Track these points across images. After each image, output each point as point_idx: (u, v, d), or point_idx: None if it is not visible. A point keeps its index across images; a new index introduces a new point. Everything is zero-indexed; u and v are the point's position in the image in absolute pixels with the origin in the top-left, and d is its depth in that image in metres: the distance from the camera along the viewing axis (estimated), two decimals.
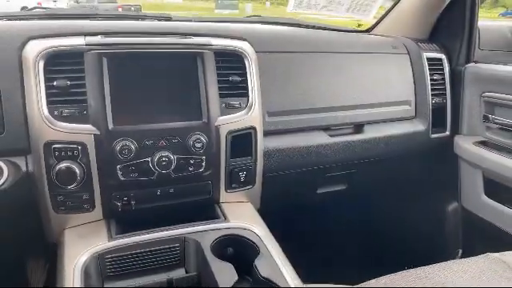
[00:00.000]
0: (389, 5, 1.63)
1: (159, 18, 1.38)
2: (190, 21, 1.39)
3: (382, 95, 1.37)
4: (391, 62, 1.42)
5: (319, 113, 1.26)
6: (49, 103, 0.91)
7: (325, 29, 1.54)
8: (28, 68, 0.92)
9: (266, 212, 1.10)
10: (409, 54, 1.43)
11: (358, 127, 1.35)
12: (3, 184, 0.92)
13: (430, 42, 1.50)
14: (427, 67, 1.42)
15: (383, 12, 1.62)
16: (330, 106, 1.29)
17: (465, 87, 1.44)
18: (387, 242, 1.63)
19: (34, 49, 0.93)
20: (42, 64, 0.92)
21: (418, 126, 1.42)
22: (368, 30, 1.64)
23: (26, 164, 0.95)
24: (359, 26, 1.70)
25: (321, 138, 1.26)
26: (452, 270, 0.98)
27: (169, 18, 1.40)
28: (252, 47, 1.13)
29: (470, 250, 1.06)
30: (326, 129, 1.29)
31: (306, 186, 1.39)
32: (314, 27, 1.52)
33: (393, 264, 0.98)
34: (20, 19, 1.15)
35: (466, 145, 1.43)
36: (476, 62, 1.46)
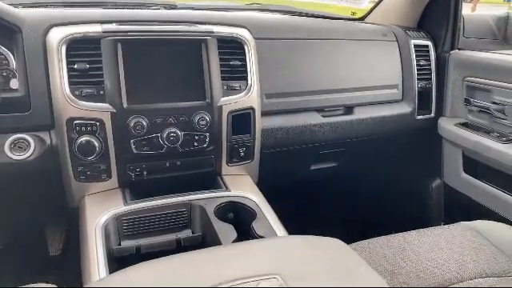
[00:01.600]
0: None
1: (165, 6, 1.48)
2: (194, 8, 1.50)
3: (371, 79, 1.49)
4: (381, 48, 1.53)
5: (313, 95, 1.38)
6: (70, 84, 1.03)
7: (320, 17, 1.64)
8: (52, 53, 1.04)
9: (264, 185, 1.22)
10: (397, 41, 1.54)
11: (349, 109, 1.46)
12: (31, 155, 1.05)
13: (418, 30, 1.61)
14: (414, 53, 1.53)
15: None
16: (323, 89, 1.40)
17: (449, 72, 1.55)
18: (374, 214, 1.77)
19: (57, 35, 1.04)
20: (64, 49, 1.03)
21: (404, 108, 1.54)
22: (361, 19, 1.74)
23: (50, 138, 1.08)
24: (353, 14, 1.80)
25: (314, 119, 1.38)
26: (428, 235, 1.11)
27: (174, 6, 1.50)
28: (251, 34, 1.23)
29: (451, 221, 1.18)
30: (319, 110, 1.40)
31: (301, 163, 1.51)
32: (309, 15, 1.63)
33: (378, 233, 1.11)
34: (41, 7, 1.26)
35: (448, 126, 1.54)
36: (460, 49, 1.57)
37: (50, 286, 0.82)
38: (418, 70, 1.54)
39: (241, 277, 0.61)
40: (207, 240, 1.03)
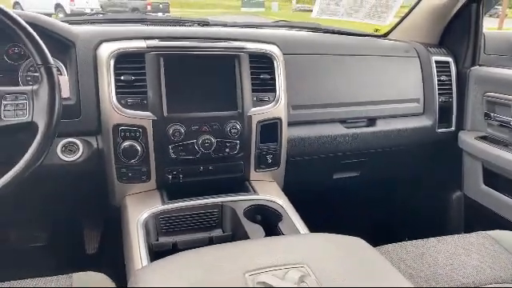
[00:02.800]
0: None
1: (199, 23, 1.60)
2: (226, 25, 1.61)
3: (393, 93, 1.56)
4: (403, 64, 1.60)
5: (337, 107, 1.46)
6: (117, 94, 1.14)
7: (344, 33, 1.73)
8: (101, 65, 1.16)
9: (288, 191, 1.30)
10: (419, 57, 1.61)
11: (371, 121, 1.53)
12: (79, 158, 1.17)
13: (439, 46, 1.67)
14: (435, 69, 1.59)
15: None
16: (346, 102, 1.48)
17: (469, 87, 1.60)
18: (394, 223, 1.82)
19: (107, 50, 1.16)
20: (112, 62, 1.15)
21: (425, 122, 1.60)
22: (384, 35, 1.82)
23: (97, 142, 1.19)
24: (376, 30, 1.87)
25: (337, 129, 1.46)
26: (447, 242, 1.16)
27: (207, 23, 1.62)
28: (280, 50, 1.33)
29: (471, 232, 1.23)
30: (342, 121, 1.48)
31: (324, 171, 1.58)
32: (334, 32, 1.72)
33: (398, 241, 1.16)
34: (91, 23, 1.39)
35: (468, 139, 1.59)
36: (480, 65, 1.62)
37: (99, 274, 0.91)
38: (439, 85, 1.60)
39: (271, 265, 0.69)
40: (237, 239, 1.11)
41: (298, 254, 0.74)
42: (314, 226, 1.13)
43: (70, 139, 1.16)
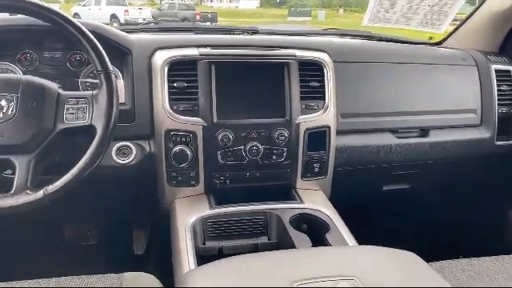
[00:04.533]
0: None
1: (248, 31, 1.62)
2: (275, 33, 1.62)
3: (448, 103, 1.49)
4: (459, 73, 1.53)
5: (387, 116, 1.41)
6: (170, 100, 1.18)
7: (396, 41, 1.68)
8: (156, 72, 1.20)
9: (335, 201, 1.27)
10: (477, 66, 1.53)
11: (424, 131, 1.47)
12: (132, 161, 1.21)
13: (500, 54, 1.59)
14: (495, 79, 1.51)
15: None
16: (397, 111, 1.43)
17: None
18: (447, 238, 1.73)
19: (161, 57, 1.20)
20: (166, 69, 1.18)
21: (483, 134, 1.52)
22: (439, 43, 1.75)
23: (149, 146, 1.23)
24: (430, 38, 1.81)
25: (388, 139, 1.41)
26: (507, 263, 1.09)
27: (256, 31, 1.63)
28: (330, 58, 1.32)
29: None
30: (393, 131, 1.43)
31: (373, 182, 1.54)
32: (387, 40, 1.68)
33: (451, 258, 1.11)
34: (146, 32, 1.45)
35: None
36: None
37: (149, 275, 0.93)
38: (499, 95, 1.51)
39: (320, 276, 0.67)
40: (283, 247, 1.10)
41: (348, 265, 0.72)
42: (362, 238, 1.10)
43: (124, 143, 1.20)
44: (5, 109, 0.90)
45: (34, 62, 1.23)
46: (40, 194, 0.89)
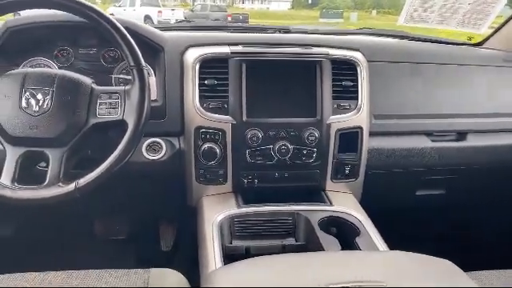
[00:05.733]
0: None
1: (280, 30, 1.60)
2: (306, 32, 1.59)
3: (488, 106, 1.42)
4: (501, 75, 1.46)
5: (423, 118, 1.36)
6: (200, 97, 1.18)
7: (434, 41, 1.62)
8: (187, 69, 1.20)
9: (366, 205, 1.24)
10: None
11: (462, 135, 1.41)
12: (162, 157, 1.21)
13: None
14: None
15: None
16: (434, 113, 1.38)
17: None
18: (485, 248, 1.65)
19: (193, 55, 1.20)
20: (197, 67, 1.18)
21: None
22: (479, 44, 1.68)
23: (179, 143, 1.23)
24: (469, 39, 1.74)
25: (423, 142, 1.36)
26: None
27: (288, 30, 1.61)
28: (364, 57, 1.28)
29: None
30: (428, 134, 1.38)
31: (406, 187, 1.49)
32: (423, 39, 1.62)
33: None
34: (178, 30, 1.46)
35: None
36: None
37: (175, 272, 0.93)
38: None
39: (350, 280, 0.65)
40: (311, 250, 1.07)
41: (378, 270, 0.69)
42: (393, 243, 1.07)
43: (154, 139, 1.21)
44: (40, 102, 0.92)
45: (70, 58, 1.26)
46: (71, 186, 0.90)
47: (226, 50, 1.20)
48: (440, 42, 1.64)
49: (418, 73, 1.39)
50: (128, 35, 0.96)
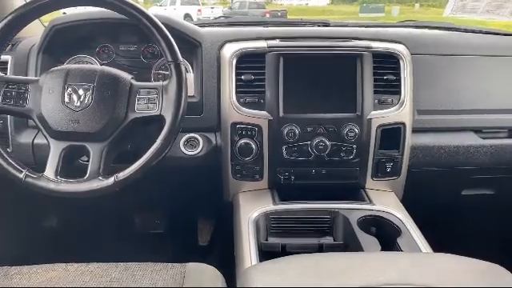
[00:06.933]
0: None
1: (319, 24, 1.56)
2: (347, 26, 1.55)
3: None
4: None
5: (471, 114, 1.29)
6: (237, 92, 1.17)
7: (485, 32, 1.53)
8: (224, 65, 1.19)
9: (408, 204, 1.19)
10: None
11: None
12: (199, 152, 1.22)
13: None
14: None
15: None
16: (483, 109, 1.30)
17: None
18: None
19: (230, 50, 1.19)
20: (234, 62, 1.18)
21: None
22: None
23: (216, 139, 1.23)
24: None
25: (471, 139, 1.29)
26: None
27: (327, 24, 1.57)
28: (408, 49, 1.23)
29: None
30: (476, 130, 1.30)
31: (450, 186, 1.41)
32: (472, 31, 1.53)
33: None
34: (215, 26, 1.46)
35: None
36: None
37: (211, 267, 0.93)
38: None
39: (392, 283, 0.62)
40: (349, 249, 1.04)
41: (423, 273, 0.65)
42: (436, 245, 1.01)
43: (192, 134, 1.22)
44: (82, 97, 0.94)
45: (111, 55, 1.29)
46: (111, 180, 0.92)
47: (263, 44, 1.19)
48: (490, 33, 1.54)
49: (465, 65, 1.31)
50: (166, 31, 0.96)
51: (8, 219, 1.45)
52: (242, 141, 1.17)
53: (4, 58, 1.17)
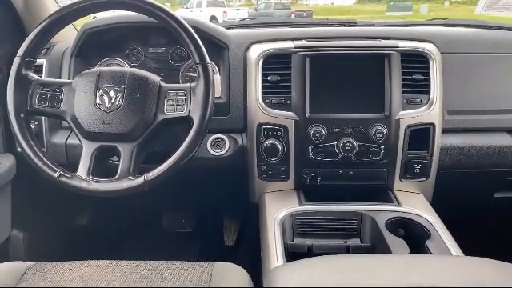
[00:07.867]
0: None
1: (345, 24, 1.55)
2: (374, 25, 1.53)
3: None
4: None
5: (504, 114, 1.25)
6: (263, 93, 1.18)
7: None
8: (251, 65, 1.20)
9: (437, 206, 1.16)
10: None
11: None
12: (225, 153, 1.23)
13: None
14: None
15: None
16: None
17: None
18: None
19: (256, 51, 1.20)
20: (261, 62, 1.18)
21: None
22: None
23: (242, 139, 1.24)
24: None
25: (504, 140, 1.24)
26: None
27: (354, 24, 1.55)
28: (437, 48, 1.20)
29: None
30: (510, 131, 1.26)
31: (482, 188, 1.37)
32: (505, 28, 1.48)
33: None
34: (241, 28, 1.47)
35: None
36: None
37: (238, 267, 0.93)
38: None
39: (424, 285, 0.61)
40: (377, 251, 1.03)
41: (454, 277, 0.63)
42: (467, 249, 0.99)
43: (218, 135, 1.23)
44: (113, 99, 0.97)
45: (140, 57, 1.32)
46: (141, 180, 0.94)
47: (289, 44, 1.19)
48: None
49: (497, 64, 1.27)
50: (194, 33, 0.98)
51: (42, 217, 1.51)
52: (268, 141, 1.17)
53: (39, 61, 1.22)
